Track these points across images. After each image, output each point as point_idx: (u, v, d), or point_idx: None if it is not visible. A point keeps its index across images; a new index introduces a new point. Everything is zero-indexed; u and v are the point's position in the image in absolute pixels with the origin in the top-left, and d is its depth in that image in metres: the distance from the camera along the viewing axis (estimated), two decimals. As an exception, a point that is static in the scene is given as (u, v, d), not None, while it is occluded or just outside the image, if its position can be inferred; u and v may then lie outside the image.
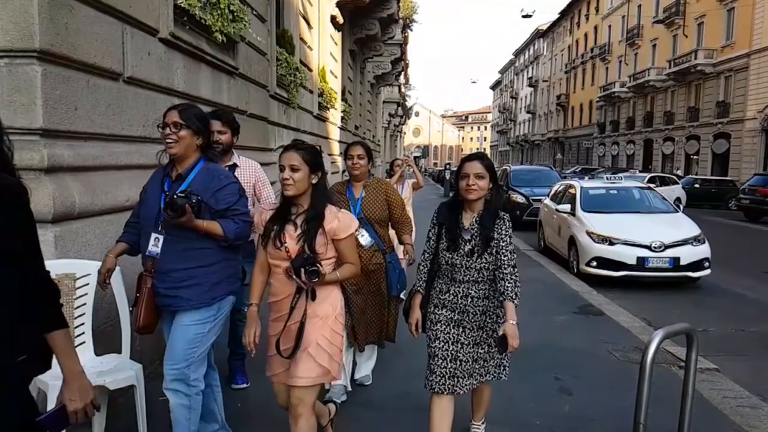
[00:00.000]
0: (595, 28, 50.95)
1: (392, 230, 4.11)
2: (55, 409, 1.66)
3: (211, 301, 2.73)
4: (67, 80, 3.25)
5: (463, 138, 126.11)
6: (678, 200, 20.04)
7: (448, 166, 34.47)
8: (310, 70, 10.74)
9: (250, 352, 2.67)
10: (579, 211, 9.18)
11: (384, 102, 35.81)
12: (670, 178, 24.00)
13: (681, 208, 14.70)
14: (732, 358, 5.22)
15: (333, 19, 13.16)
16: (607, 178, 11.16)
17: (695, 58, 33.15)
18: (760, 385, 4.47)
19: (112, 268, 2.81)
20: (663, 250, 8.06)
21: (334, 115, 13.82)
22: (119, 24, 3.79)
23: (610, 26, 47.89)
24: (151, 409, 3.12)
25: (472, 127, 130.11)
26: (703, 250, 8.25)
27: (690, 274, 8.15)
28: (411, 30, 24.84)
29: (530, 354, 4.38)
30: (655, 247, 8.06)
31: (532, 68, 72.57)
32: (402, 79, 37.69)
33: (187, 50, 4.89)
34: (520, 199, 14.94)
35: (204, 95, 5.30)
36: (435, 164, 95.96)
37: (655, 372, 2.68)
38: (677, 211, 9.87)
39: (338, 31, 14.32)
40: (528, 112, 73.56)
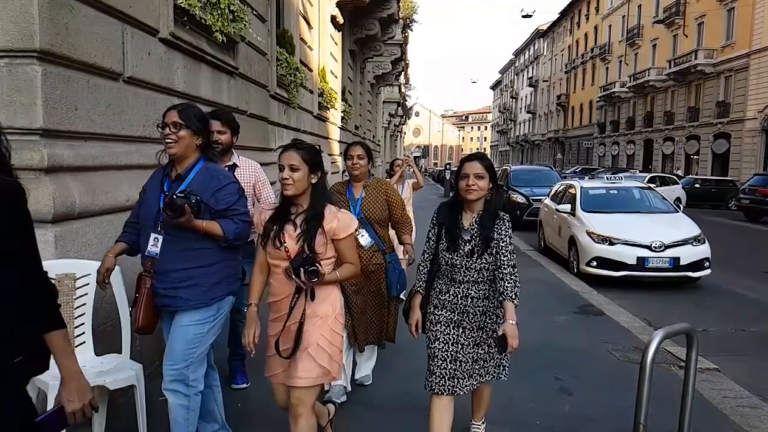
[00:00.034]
0: (595, 28, 50.95)
1: (392, 230, 4.11)
2: (53, 410, 1.65)
3: (210, 302, 2.73)
4: (67, 80, 3.25)
5: (463, 138, 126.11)
6: (678, 200, 20.04)
7: (448, 166, 34.50)
8: (310, 70, 10.74)
9: (250, 353, 2.67)
10: (579, 211, 9.18)
11: (384, 102, 35.80)
12: (670, 178, 24.01)
13: (681, 208, 14.69)
14: (732, 358, 5.22)
15: (333, 19, 13.16)
16: (607, 178, 11.15)
17: (695, 58, 33.16)
18: (760, 385, 4.47)
19: (111, 268, 2.80)
20: (663, 250, 8.06)
21: (334, 115, 13.81)
22: (119, 24, 3.79)
23: (610, 26, 47.89)
24: (151, 409, 3.12)
25: (472, 127, 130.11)
26: (703, 250, 8.25)
27: (690, 274, 8.15)
28: (411, 30, 24.84)
29: (530, 354, 4.39)
30: (655, 247, 8.06)
31: (532, 68, 72.56)
32: (402, 79, 37.67)
33: (187, 50, 4.89)
34: (520, 199, 14.94)
35: (204, 95, 5.29)
36: (435, 164, 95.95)
37: (655, 372, 2.68)
38: (677, 211, 9.86)
39: (338, 31, 14.32)
40: (528, 112, 73.56)
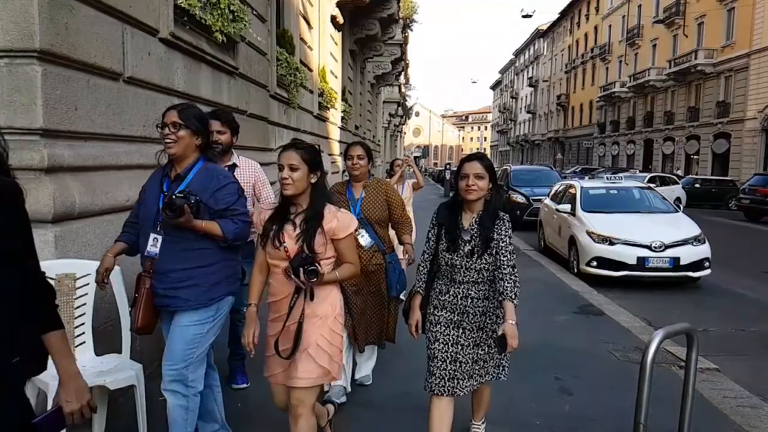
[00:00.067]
0: (595, 28, 50.94)
1: (392, 230, 4.10)
2: (51, 411, 1.64)
3: (209, 302, 2.73)
4: (67, 80, 3.25)
5: (463, 138, 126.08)
6: (678, 200, 20.04)
7: (448, 166, 34.49)
8: (310, 70, 10.74)
9: (249, 353, 2.67)
10: (579, 211, 9.18)
11: (384, 102, 35.80)
12: (670, 178, 24.01)
13: (681, 208, 14.69)
14: (732, 358, 5.22)
15: (333, 19, 13.16)
16: (607, 178, 11.15)
17: (695, 58, 33.15)
18: (760, 385, 4.47)
19: (111, 268, 2.80)
20: (663, 250, 8.06)
21: (335, 115, 13.81)
22: (119, 24, 3.79)
23: (610, 26, 47.89)
24: (151, 409, 3.12)
25: (472, 127, 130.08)
26: (703, 250, 8.25)
27: (690, 274, 8.15)
28: (411, 30, 24.83)
29: (530, 354, 4.39)
30: (655, 247, 8.06)
31: (533, 68, 72.54)
32: (402, 79, 37.67)
33: (188, 50, 4.89)
34: (520, 199, 14.94)
35: (204, 95, 5.30)
36: (435, 164, 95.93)
37: (656, 372, 2.68)
38: (677, 211, 9.86)
39: (338, 31, 14.32)
40: (528, 112, 73.54)
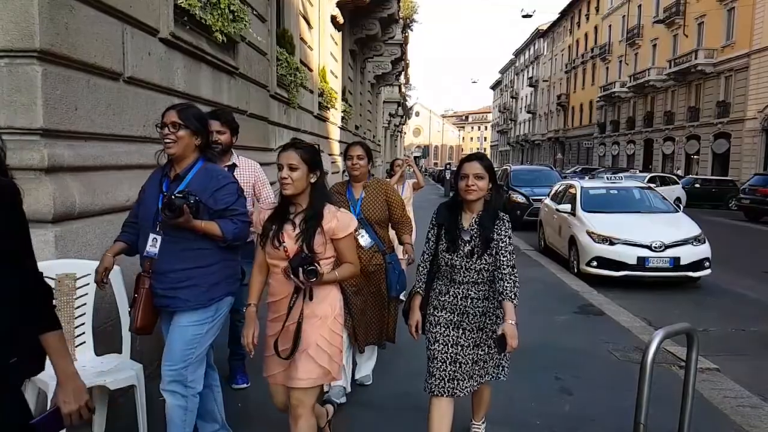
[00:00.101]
0: (596, 28, 50.93)
1: (392, 231, 4.10)
2: (49, 411, 1.64)
3: (208, 303, 2.72)
4: (67, 80, 3.25)
5: (463, 138, 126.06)
6: (678, 200, 20.04)
7: (448, 166, 34.52)
8: (310, 70, 10.74)
9: (249, 353, 2.67)
10: (579, 211, 9.18)
11: (384, 102, 35.80)
12: (670, 178, 24.01)
13: (681, 207, 14.69)
14: (732, 357, 5.22)
15: (333, 19, 13.16)
16: (608, 178, 11.14)
17: (695, 58, 33.14)
18: (760, 385, 4.47)
19: (110, 267, 2.80)
20: (663, 250, 8.06)
21: (335, 115, 13.81)
22: (119, 24, 3.79)
23: (610, 26, 47.87)
24: (151, 409, 3.11)
25: (472, 127, 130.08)
26: (704, 250, 8.25)
27: (690, 273, 8.15)
28: (411, 30, 24.83)
29: (530, 354, 4.39)
30: (655, 247, 8.06)
31: (533, 68, 72.53)
32: (402, 79, 37.67)
33: (188, 50, 4.89)
34: (520, 199, 14.94)
35: (204, 95, 5.29)
36: (435, 164, 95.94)
37: (656, 372, 2.68)
38: (677, 211, 9.86)
39: (338, 31, 14.31)
40: (528, 112, 73.53)
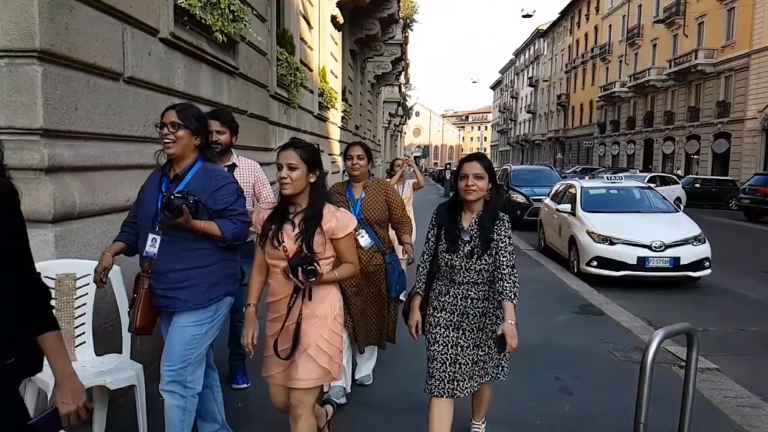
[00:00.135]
0: (596, 28, 50.93)
1: (392, 231, 4.10)
2: (48, 412, 1.63)
3: (207, 303, 2.72)
4: (67, 80, 3.25)
5: (463, 138, 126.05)
6: (678, 200, 20.03)
7: (448, 166, 34.53)
8: (310, 70, 10.74)
9: (249, 354, 2.67)
10: (579, 211, 9.17)
11: (384, 102, 35.79)
12: (670, 177, 24.02)
13: (681, 207, 14.67)
14: (732, 357, 5.22)
15: (333, 18, 13.16)
16: (608, 178, 11.14)
17: (695, 58, 33.14)
18: (760, 385, 4.47)
19: (109, 267, 2.79)
20: (663, 250, 8.06)
21: (335, 115, 13.81)
22: (119, 24, 3.79)
23: (610, 26, 47.87)
24: (151, 409, 3.11)
25: (472, 127, 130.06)
26: (704, 250, 8.25)
27: (690, 273, 8.15)
28: (411, 30, 24.82)
29: (530, 354, 4.39)
30: (655, 246, 8.06)
31: (533, 68, 72.52)
32: (402, 78, 37.67)
33: (188, 50, 4.89)
34: (520, 198, 14.94)
35: (204, 95, 5.29)
36: (435, 164, 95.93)
37: (656, 372, 2.68)
38: (677, 211, 9.85)
39: (338, 30, 14.31)
40: (528, 112, 73.52)
